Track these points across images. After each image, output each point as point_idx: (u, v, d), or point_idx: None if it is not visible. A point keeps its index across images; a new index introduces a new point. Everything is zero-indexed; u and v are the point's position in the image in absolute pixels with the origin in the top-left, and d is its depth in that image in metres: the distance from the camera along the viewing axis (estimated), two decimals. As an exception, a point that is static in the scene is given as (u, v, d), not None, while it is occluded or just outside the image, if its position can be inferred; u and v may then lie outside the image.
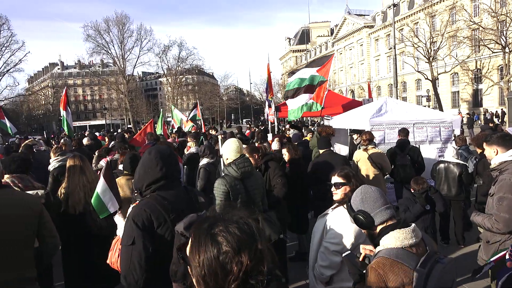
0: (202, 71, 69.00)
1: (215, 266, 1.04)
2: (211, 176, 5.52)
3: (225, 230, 1.08)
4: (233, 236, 1.06)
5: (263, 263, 1.08)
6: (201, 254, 1.07)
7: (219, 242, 1.06)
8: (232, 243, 1.05)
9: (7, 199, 2.72)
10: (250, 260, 1.05)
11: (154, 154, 2.40)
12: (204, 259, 1.06)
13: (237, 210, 1.19)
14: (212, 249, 1.06)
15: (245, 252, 1.05)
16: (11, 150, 9.15)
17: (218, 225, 1.10)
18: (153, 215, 2.23)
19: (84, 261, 3.96)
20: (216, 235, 1.07)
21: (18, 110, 73.25)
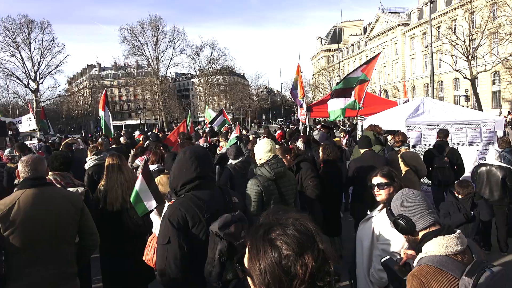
0: (233, 72, 69.59)
1: (278, 272, 1.01)
2: (233, 177, 5.50)
3: (283, 234, 1.04)
4: (292, 238, 1.03)
5: (328, 263, 1.04)
6: (261, 261, 1.03)
7: (279, 247, 1.02)
8: (293, 246, 1.02)
9: (51, 196, 2.83)
10: (314, 261, 1.01)
11: (189, 154, 2.41)
12: (265, 266, 1.02)
13: (290, 212, 1.15)
14: (272, 254, 1.02)
15: (307, 254, 1.01)
16: (52, 148, 9.57)
17: (274, 229, 1.06)
18: (188, 215, 2.23)
19: (120, 258, 4.06)
20: (274, 239, 1.04)
21: (59, 110, 76.63)
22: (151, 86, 59.48)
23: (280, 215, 1.13)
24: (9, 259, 2.70)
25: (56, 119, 74.17)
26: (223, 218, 2.05)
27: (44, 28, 49.62)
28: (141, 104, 69.65)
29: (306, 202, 4.57)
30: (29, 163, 2.82)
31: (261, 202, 3.44)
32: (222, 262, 2.02)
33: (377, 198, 2.82)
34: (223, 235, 2.00)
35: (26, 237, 2.65)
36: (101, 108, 11.08)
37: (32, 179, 2.79)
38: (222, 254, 2.01)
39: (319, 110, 11.62)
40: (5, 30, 47.05)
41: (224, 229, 2.00)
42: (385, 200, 2.76)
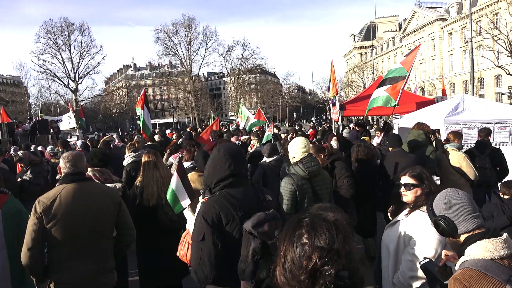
0: (264, 70, 69.72)
1: (293, 256, 1.13)
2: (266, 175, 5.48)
3: (310, 226, 1.15)
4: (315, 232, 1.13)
5: (334, 266, 1.10)
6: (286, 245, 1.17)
7: (302, 235, 1.14)
8: (311, 239, 1.12)
9: (91, 191, 2.93)
10: (318, 259, 1.09)
11: (223, 152, 2.42)
12: (286, 249, 1.16)
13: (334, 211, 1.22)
14: (294, 240, 1.15)
15: (316, 251, 1.10)
16: (90, 145, 9.93)
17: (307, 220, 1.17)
18: (222, 212, 2.25)
19: (155, 253, 4.15)
20: (302, 227, 1.16)
21: (96, 109, 79.53)
22: (184, 85, 60.55)
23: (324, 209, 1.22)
24: (51, 251, 2.83)
25: (94, 117, 77.04)
26: (257, 216, 2.05)
27: (83, 30, 51.71)
28: (174, 103, 71.11)
29: (340, 202, 4.49)
30: (69, 159, 2.93)
31: (294, 201, 3.41)
32: (256, 260, 2.02)
33: (403, 198, 2.73)
34: (256, 234, 1.99)
35: (66, 230, 2.76)
36: (139, 107, 11.38)
37: (73, 174, 2.90)
38: (255, 253, 2.01)
39: (353, 108, 11.41)
40: (47, 33, 49.37)
41: (258, 227, 2.00)
42: (411, 202, 2.67)
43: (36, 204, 2.76)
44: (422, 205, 2.60)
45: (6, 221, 3.49)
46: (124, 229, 3.06)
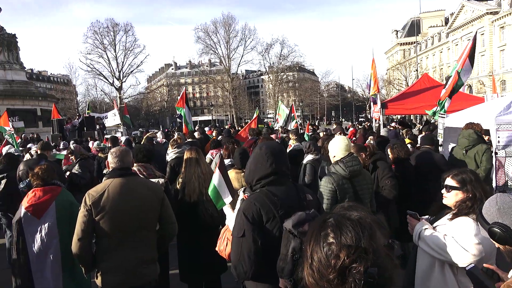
0: (302, 68, 69.12)
1: (319, 256, 1.14)
2: (316, 173, 5.46)
3: (335, 225, 1.15)
4: (340, 231, 1.13)
5: (363, 263, 1.09)
6: (312, 245, 1.17)
7: (328, 235, 1.14)
8: (338, 238, 1.12)
9: (136, 185, 3.04)
10: (347, 257, 1.09)
11: (265, 150, 2.43)
12: (313, 249, 1.17)
13: (358, 209, 1.22)
14: (320, 240, 1.15)
15: (344, 249, 1.10)
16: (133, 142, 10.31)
17: (331, 220, 1.18)
18: (262, 210, 2.27)
19: (196, 248, 4.23)
20: (327, 227, 1.16)
21: (139, 106, 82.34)
22: (223, 84, 61.32)
23: (347, 209, 1.23)
24: (98, 242, 2.97)
25: (137, 114, 79.85)
26: (297, 216, 2.05)
27: (127, 31, 53.74)
28: (213, 101, 72.20)
29: (381, 203, 4.36)
30: (117, 154, 3.06)
31: (335, 201, 3.36)
32: (295, 259, 2.02)
33: (443, 200, 2.63)
34: (296, 233, 2.00)
35: (113, 223, 2.89)
36: (181, 106, 11.67)
37: (120, 169, 3.02)
38: (295, 252, 2.02)
39: (396, 106, 11.04)
40: (94, 34, 51.74)
41: (298, 227, 2.01)
42: (453, 205, 2.55)
43: (86, 197, 2.90)
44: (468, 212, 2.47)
45: (59, 212, 3.71)
46: (166, 223, 3.15)
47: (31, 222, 3.69)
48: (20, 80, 22.28)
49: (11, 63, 21.59)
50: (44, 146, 7.01)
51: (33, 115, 21.98)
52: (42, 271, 3.71)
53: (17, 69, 22.11)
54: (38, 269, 3.70)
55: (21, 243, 3.69)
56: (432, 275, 2.56)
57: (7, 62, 21.30)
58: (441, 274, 2.51)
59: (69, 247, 3.70)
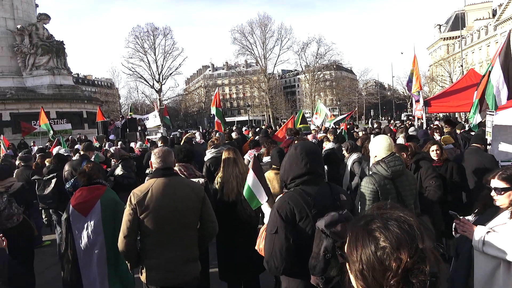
0: (340, 66, 67.90)
1: (373, 261, 1.06)
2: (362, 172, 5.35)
3: (383, 226, 1.09)
4: (391, 232, 1.07)
5: (425, 263, 1.05)
6: (359, 249, 1.10)
7: (377, 238, 1.08)
8: (390, 240, 1.06)
9: (178, 185, 3.12)
10: (409, 258, 1.03)
11: (299, 150, 2.48)
12: (361, 253, 1.09)
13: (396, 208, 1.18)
14: (369, 244, 1.08)
15: (404, 250, 1.04)
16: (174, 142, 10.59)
17: (375, 221, 1.11)
18: (296, 209, 2.32)
19: (234, 247, 4.28)
20: (374, 231, 1.09)
21: (177, 108, 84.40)
22: (259, 84, 61.54)
23: (385, 209, 1.17)
24: (143, 239, 3.08)
25: (175, 116, 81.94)
26: (330, 216, 2.07)
27: (166, 34, 55.25)
28: (250, 101, 72.67)
29: (425, 205, 4.20)
30: (160, 154, 3.15)
31: (376, 202, 3.27)
32: (327, 259, 2.06)
33: (496, 203, 2.53)
34: (329, 233, 2.03)
35: (156, 221, 2.97)
36: (216, 105, 11.87)
37: (162, 169, 3.11)
38: (327, 251, 2.05)
39: (439, 104, 10.59)
40: (135, 38, 53.63)
41: (331, 227, 2.03)
42: (507, 206, 2.46)
43: (131, 196, 3.01)
44: None
45: (104, 210, 3.88)
46: (207, 222, 3.21)
47: (78, 219, 3.88)
48: (68, 85, 23.49)
49: (60, 68, 22.80)
50: (87, 147, 7.35)
51: (79, 118, 23.13)
52: (89, 266, 3.89)
53: (65, 74, 23.33)
54: (85, 264, 3.89)
55: (70, 239, 3.90)
56: (496, 279, 2.45)
57: (56, 67, 22.51)
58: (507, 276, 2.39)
59: (113, 243, 3.87)
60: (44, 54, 21.99)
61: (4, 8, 21.86)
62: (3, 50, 21.77)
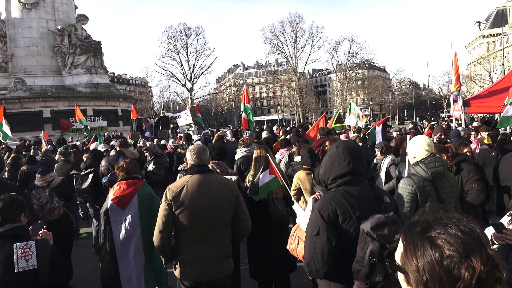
0: (373, 65, 66.51)
1: (439, 271, 0.96)
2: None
3: (445, 232, 0.99)
4: (455, 238, 0.97)
5: (499, 270, 0.95)
6: (419, 258, 1.00)
7: (440, 246, 0.98)
8: (457, 246, 0.96)
9: (212, 182, 3.14)
10: (483, 265, 0.93)
11: (342, 149, 2.39)
12: (424, 264, 0.99)
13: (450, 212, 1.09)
14: (432, 253, 0.98)
15: (475, 256, 0.94)
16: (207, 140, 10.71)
17: (434, 227, 1.02)
18: (338, 210, 2.23)
19: (264, 246, 4.26)
20: (435, 238, 1.00)
21: (208, 106, 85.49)
22: (289, 83, 61.32)
23: (439, 213, 1.08)
24: (177, 235, 3.12)
25: (206, 114, 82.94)
26: (376, 218, 1.98)
27: (198, 34, 56.19)
28: (280, 100, 72.50)
29: (465, 210, 4.02)
30: (195, 151, 3.19)
31: (415, 204, 3.15)
32: (373, 263, 1.97)
33: None
34: (375, 236, 1.94)
35: (191, 217, 3.00)
36: (246, 102, 11.88)
37: (197, 166, 3.14)
38: (372, 255, 1.96)
39: (479, 104, 10.13)
40: (168, 38, 54.82)
41: (377, 230, 1.94)
42: None
43: (167, 191, 3.05)
44: None
45: (141, 204, 3.98)
46: (241, 219, 3.21)
47: (117, 212, 4.00)
48: (104, 83, 24.30)
49: (97, 67, 23.61)
50: (122, 144, 7.56)
51: (114, 115, 23.88)
52: (127, 258, 4.00)
53: (101, 73, 24.15)
54: (123, 256, 4.00)
55: (108, 232, 4.01)
56: None
57: (93, 67, 23.33)
58: None
59: (149, 237, 3.95)
60: (82, 53, 22.84)
61: (46, 10, 22.87)
62: (44, 50, 22.79)
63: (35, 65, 22.48)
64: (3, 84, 21.37)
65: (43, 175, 4.90)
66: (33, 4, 22.17)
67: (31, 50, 22.45)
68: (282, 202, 4.31)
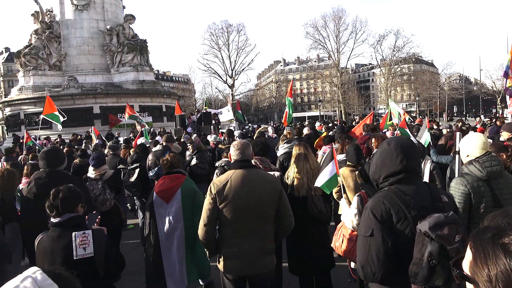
0: (419, 59, 63.79)
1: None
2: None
3: None
4: None
5: None
6: (491, 267, 0.95)
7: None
8: None
9: (256, 177, 3.16)
10: None
11: (394, 145, 2.26)
12: (497, 273, 0.93)
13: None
14: (506, 261, 0.93)
15: None
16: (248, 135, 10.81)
17: (508, 234, 0.96)
18: (392, 209, 2.11)
19: (303, 242, 4.23)
20: (508, 245, 0.94)
21: (248, 103, 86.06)
22: (331, 78, 60.28)
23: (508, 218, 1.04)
24: (221, 228, 3.17)
25: (247, 110, 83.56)
26: (435, 218, 1.88)
27: (239, 30, 56.56)
28: (321, 96, 71.57)
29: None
30: (238, 147, 3.22)
31: (468, 205, 2.99)
32: (432, 265, 1.85)
33: None
34: (434, 237, 1.83)
35: (234, 211, 3.04)
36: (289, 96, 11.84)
37: (241, 161, 3.17)
38: (432, 257, 1.84)
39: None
40: (210, 35, 55.64)
41: (436, 230, 1.83)
42: None
43: (211, 186, 3.11)
44: None
45: (184, 198, 4.10)
46: (284, 215, 3.21)
47: (161, 205, 4.14)
48: (150, 80, 25.10)
49: (143, 65, 24.43)
50: (168, 139, 7.79)
51: (159, 111, 24.64)
52: (170, 250, 4.14)
53: (147, 70, 24.95)
54: (166, 248, 4.14)
55: (153, 225, 4.17)
56: None
57: (140, 64, 24.16)
58: None
59: (191, 230, 4.07)
60: (130, 52, 23.71)
61: (96, 10, 23.98)
62: (94, 49, 23.91)
63: (86, 64, 23.66)
64: (57, 82, 22.68)
65: (96, 168, 5.17)
66: (84, 6, 23.33)
67: (82, 49, 23.64)
68: (321, 199, 4.26)
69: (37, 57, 22.36)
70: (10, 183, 4.63)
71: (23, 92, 22.21)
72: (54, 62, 22.92)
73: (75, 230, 2.65)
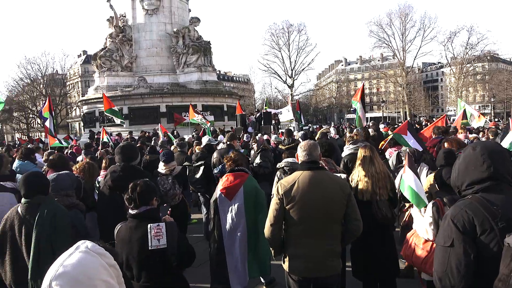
0: (496, 57, 58.79)
1: None
2: None
3: None
4: None
5: None
6: None
7: None
8: None
9: (323, 179, 3.13)
10: None
11: (480, 150, 2.08)
12: None
13: None
14: None
15: None
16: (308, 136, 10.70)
17: None
18: (476, 219, 1.95)
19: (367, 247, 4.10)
20: None
21: (308, 103, 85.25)
22: (395, 78, 57.73)
23: None
24: (287, 229, 3.19)
25: (306, 110, 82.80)
26: None
27: (300, 30, 56.22)
28: (384, 96, 68.81)
29: None
30: (305, 148, 3.21)
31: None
32: None
33: None
34: None
35: (301, 212, 3.04)
36: (357, 100, 11.57)
37: (308, 162, 3.16)
38: None
39: None
40: (271, 36, 55.96)
41: None
42: None
43: (279, 186, 3.15)
44: None
45: (246, 196, 4.19)
46: (352, 219, 3.14)
47: (224, 202, 4.27)
48: (212, 80, 25.90)
49: (206, 66, 25.27)
50: (231, 137, 7.98)
51: (220, 111, 25.34)
52: (233, 246, 4.25)
53: (210, 71, 25.77)
54: (229, 244, 4.26)
55: (217, 221, 4.31)
56: None
57: (203, 65, 25.02)
58: None
59: (253, 228, 4.14)
60: (194, 53, 24.65)
61: (165, 14, 25.25)
62: (162, 51, 25.19)
63: (154, 65, 25.03)
64: (128, 82, 24.23)
65: (166, 164, 5.45)
66: (154, 10, 24.70)
67: (151, 51, 25.03)
68: (386, 203, 4.11)
69: (111, 59, 24.09)
70: (91, 175, 5.05)
71: (98, 91, 24.01)
72: (126, 64, 24.54)
73: (150, 222, 2.82)
